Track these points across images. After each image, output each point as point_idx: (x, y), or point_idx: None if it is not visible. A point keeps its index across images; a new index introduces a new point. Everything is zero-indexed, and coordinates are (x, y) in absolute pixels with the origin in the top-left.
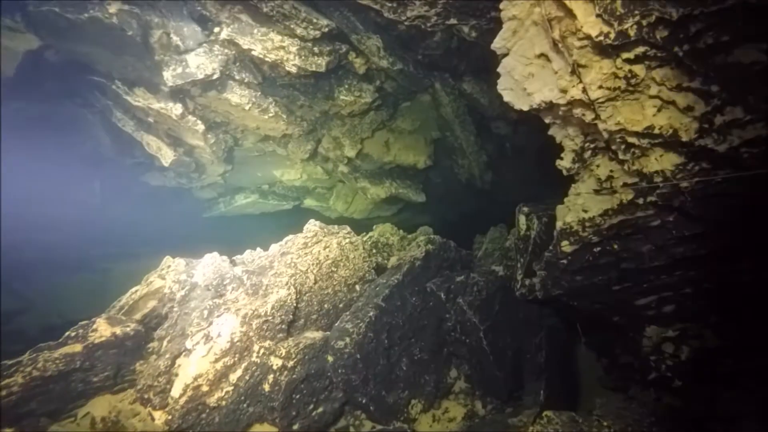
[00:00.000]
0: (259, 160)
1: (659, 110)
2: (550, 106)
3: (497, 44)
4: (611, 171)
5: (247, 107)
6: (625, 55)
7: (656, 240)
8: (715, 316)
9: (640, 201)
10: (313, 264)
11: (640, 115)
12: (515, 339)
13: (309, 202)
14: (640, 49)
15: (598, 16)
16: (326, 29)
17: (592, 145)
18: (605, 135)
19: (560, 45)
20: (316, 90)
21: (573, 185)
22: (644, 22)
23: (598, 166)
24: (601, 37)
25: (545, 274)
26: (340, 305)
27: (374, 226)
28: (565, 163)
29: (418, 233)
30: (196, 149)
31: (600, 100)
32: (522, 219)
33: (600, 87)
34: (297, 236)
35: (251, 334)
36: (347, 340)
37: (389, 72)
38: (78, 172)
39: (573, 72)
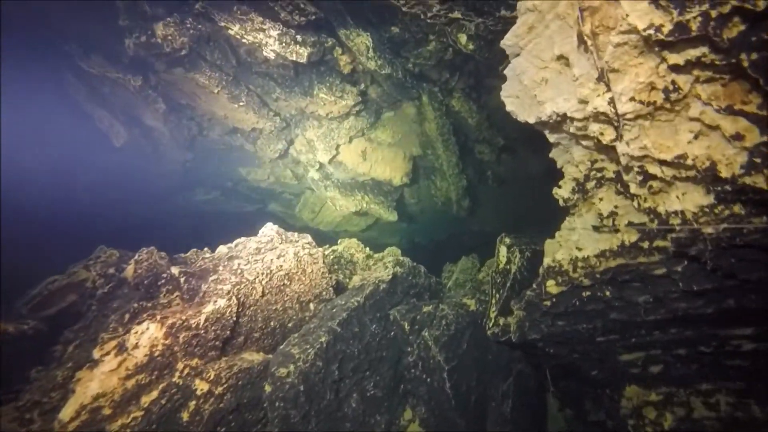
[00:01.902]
0: (225, 154)
1: (697, 137)
2: (562, 120)
3: (508, 41)
4: (616, 206)
5: (215, 90)
6: (673, 59)
7: (656, 291)
8: (707, 383)
9: (645, 244)
10: (263, 273)
11: (672, 141)
12: (481, 383)
13: (274, 207)
14: (695, 52)
15: (652, 1)
16: (313, 17)
17: (598, 174)
18: (624, 161)
19: (590, 43)
20: (295, 84)
21: (568, 218)
22: (714, 13)
23: (601, 199)
24: (651, 31)
25: (523, 314)
26: (289, 324)
27: (339, 240)
28: (563, 192)
29: (385, 253)
30: (155, 132)
31: (628, 116)
32: (503, 250)
33: (632, 99)
34: (250, 240)
35: (176, 348)
36: (291, 367)
37: (376, 75)
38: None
39: (600, 78)
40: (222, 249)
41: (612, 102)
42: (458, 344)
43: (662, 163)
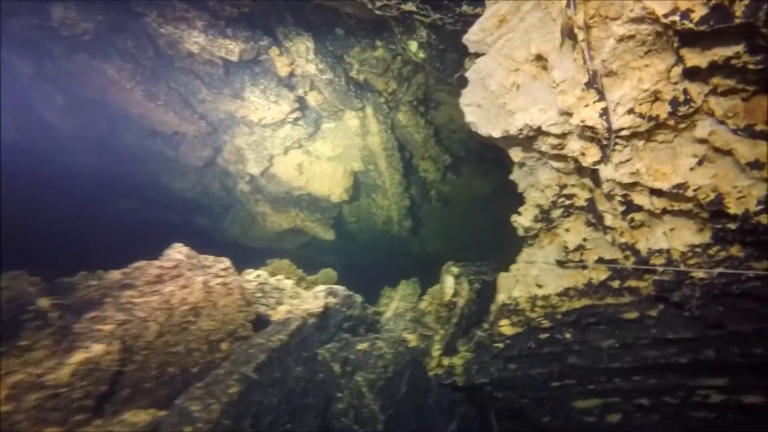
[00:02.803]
0: (144, 159)
1: (701, 162)
2: (535, 135)
3: (474, 36)
4: (585, 239)
5: (128, 85)
6: (693, 60)
7: (625, 337)
8: None
9: (616, 284)
10: (160, 309)
11: (670, 166)
12: (420, 429)
13: (200, 220)
14: (725, 51)
15: None
16: (247, 9)
17: (567, 202)
18: (606, 188)
19: (581, 38)
20: (224, 85)
21: (526, 249)
22: None
23: (568, 230)
24: (675, 17)
25: (471, 356)
26: (194, 369)
27: (268, 261)
28: (523, 220)
29: (319, 275)
30: (53, 129)
31: (623, 133)
32: (449, 281)
33: (630, 112)
34: (150, 264)
35: (20, 417)
36: (187, 431)
37: (316, 81)
38: None
39: (591, 84)
40: (114, 275)
41: (605, 114)
42: (396, 388)
43: (655, 192)
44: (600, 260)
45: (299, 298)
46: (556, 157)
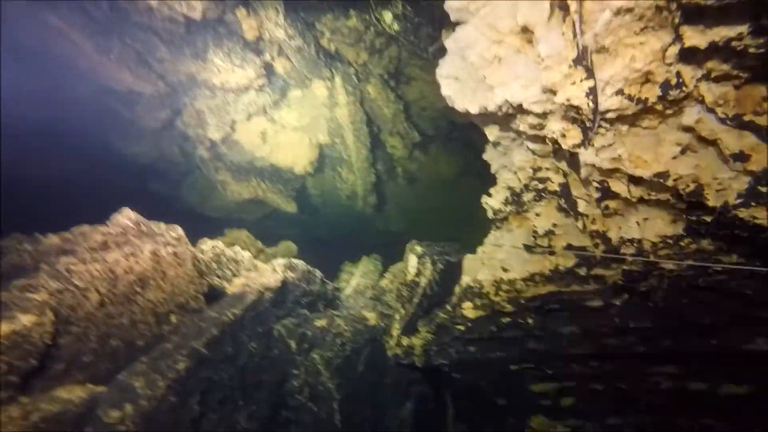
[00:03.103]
0: (96, 118)
1: (684, 151)
2: (515, 113)
3: (456, 3)
4: (555, 224)
5: (74, 36)
6: (693, 39)
7: (586, 323)
8: (615, 418)
9: (582, 271)
10: (102, 278)
11: (652, 154)
12: (376, 410)
13: (157, 187)
14: (728, 31)
15: None
16: None
17: (540, 186)
18: (585, 173)
19: (573, 9)
20: (185, 44)
21: (494, 232)
22: None
23: (538, 214)
24: None
25: (432, 337)
26: (139, 343)
27: (226, 230)
28: (493, 202)
29: (279, 248)
30: None
31: (609, 116)
32: (412, 260)
33: (619, 93)
34: (94, 229)
35: None
36: (129, 408)
37: (284, 47)
38: None
39: (579, 61)
40: (52, 239)
41: (592, 94)
42: (353, 367)
43: (633, 180)
44: (569, 247)
45: (257, 271)
46: (533, 138)
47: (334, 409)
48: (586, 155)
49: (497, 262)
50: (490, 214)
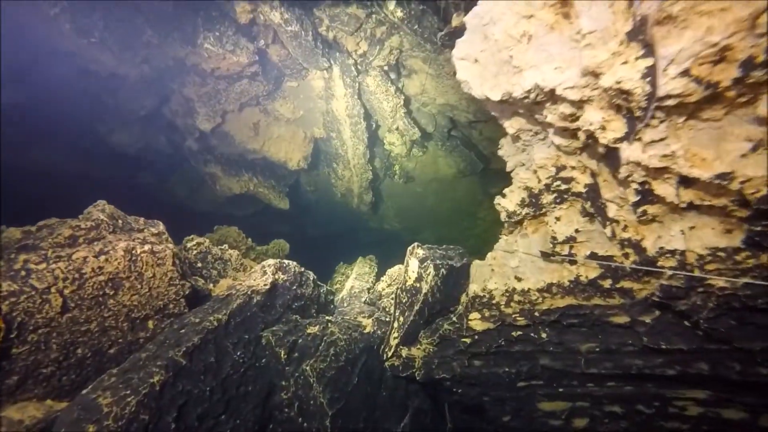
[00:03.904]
0: (77, 102)
1: (756, 148)
2: (544, 101)
3: None
4: (577, 230)
5: (52, 12)
6: None
7: (608, 341)
8: None
9: (607, 284)
10: (66, 278)
11: (713, 151)
12: (370, 424)
13: (145, 178)
14: None
15: None
16: None
17: (563, 186)
18: (625, 172)
19: None
20: (173, 27)
21: (506, 237)
22: None
23: (558, 218)
24: None
25: (434, 349)
26: (110, 351)
27: (215, 227)
28: (507, 203)
29: (270, 246)
30: None
31: (666, 102)
32: (413, 264)
33: (684, 74)
34: (63, 223)
35: None
36: (91, 430)
37: (280, 32)
38: None
39: (635, 34)
40: (12, 233)
41: (650, 75)
42: (347, 379)
43: (685, 181)
44: (593, 256)
45: (245, 271)
46: (561, 131)
47: (326, 425)
48: (629, 151)
49: (510, 270)
50: (503, 217)
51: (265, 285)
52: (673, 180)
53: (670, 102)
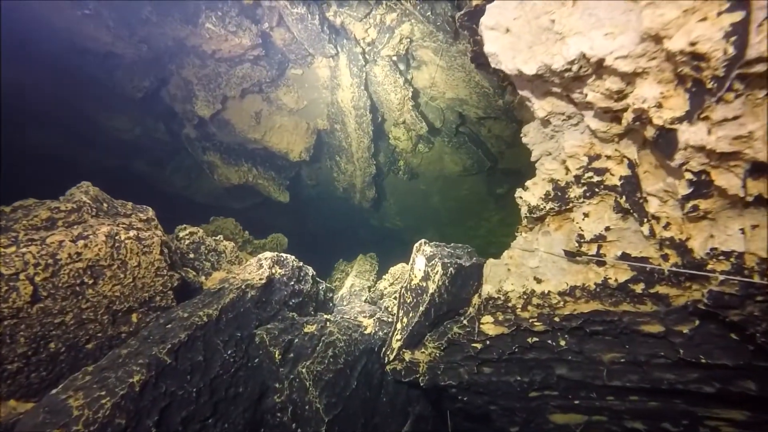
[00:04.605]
0: (71, 82)
1: None
2: (588, 74)
3: None
4: (608, 228)
5: None
6: None
7: (636, 352)
8: None
9: (639, 288)
10: (38, 264)
11: None
12: (368, 431)
13: (140, 166)
14: None
15: None
16: None
17: (595, 178)
18: (680, 158)
19: None
20: (174, 6)
21: (524, 235)
22: None
23: (587, 215)
24: None
25: (440, 354)
26: (88, 347)
27: (211, 218)
28: (530, 197)
29: (268, 240)
30: None
31: (753, 69)
32: (420, 262)
33: None
34: (40, 204)
35: None
36: None
37: (285, 14)
38: None
39: None
40: None
41: (737, 33)
42: (346, 383)
43: (759, 169)
44: (624, 257)
45: (240, 263)
46: (602, 114)
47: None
48: (689, 134)
49: (528, 271)
50: (524, 212)
51: (260, 279)
52: (740, 168)
53: (759, 67)
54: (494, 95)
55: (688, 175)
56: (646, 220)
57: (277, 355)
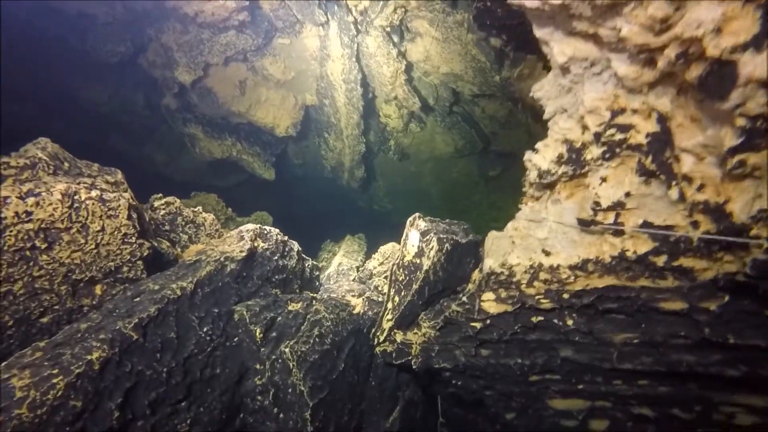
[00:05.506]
0: (37, 47)
1: None
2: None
3: None
4: (628, 193)
5: None
6: None
7: (653, 332)
8: None
9: (661, 261)
10: None
11: None
12: (355, 417)
13: (117, 141)
14: None
15: None
16: None
17: (618, 136)
18: (737, 98)
19: None
20: None
21: (531, 204)
22: None
23: (604, 179)
24: None
25: (435, 334)
26: (43, 320)
27: (192, 193)
28: (540, 159)
29: (252, 218)
30: None
31: None
32: (414, 237)
33: None
34: None
35: None
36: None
37: None
38: None
39: None
40: None
41: None
42: (332, 366)
43: None
44: (646, 225)
45: (220, 236)
46: (635, 55)
47: (306, 417)
48: (754, 65)
49: (536, 243)
50: (532, 177)
51: (241, 252)
52: None
53: None
54: (491, 70)
55: (741, 121)
56: (675, 182)
57: (258, 334)
